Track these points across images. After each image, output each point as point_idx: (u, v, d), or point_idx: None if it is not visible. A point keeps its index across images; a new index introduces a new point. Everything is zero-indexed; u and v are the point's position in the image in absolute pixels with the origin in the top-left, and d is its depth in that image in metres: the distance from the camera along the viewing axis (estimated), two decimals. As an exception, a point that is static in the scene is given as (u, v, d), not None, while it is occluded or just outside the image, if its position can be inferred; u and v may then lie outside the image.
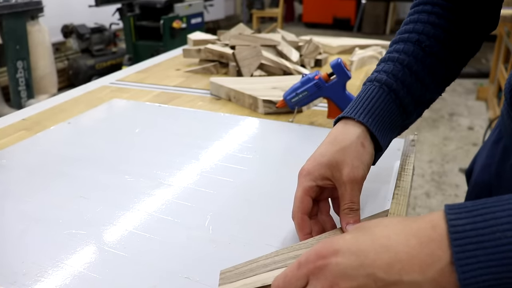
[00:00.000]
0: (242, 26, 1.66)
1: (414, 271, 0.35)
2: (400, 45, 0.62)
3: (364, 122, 0.55)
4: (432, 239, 0.36)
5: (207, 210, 0.65)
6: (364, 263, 0.37)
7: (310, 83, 0.91)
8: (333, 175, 0.53)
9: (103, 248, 0.57)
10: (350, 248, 0.38)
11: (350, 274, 0.37)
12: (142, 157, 0.82)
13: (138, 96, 1.21)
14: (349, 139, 0.54)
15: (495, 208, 0.35)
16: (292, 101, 0.95)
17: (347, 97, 0.90)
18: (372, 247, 0.38)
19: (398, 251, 0.36)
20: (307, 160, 0.56)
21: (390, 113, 0.58)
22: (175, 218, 0.63)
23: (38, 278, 0.52)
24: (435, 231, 0.36)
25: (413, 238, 0.37)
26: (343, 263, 0.38)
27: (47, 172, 0.76)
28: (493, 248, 0.33)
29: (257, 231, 0.60)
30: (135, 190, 0.70)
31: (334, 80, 0.89)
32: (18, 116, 1.05)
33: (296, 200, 0.54)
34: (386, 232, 0.39)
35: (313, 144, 0.86)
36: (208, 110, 1.08)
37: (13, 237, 0.59)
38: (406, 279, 0.35)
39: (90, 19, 4.57)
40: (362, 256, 0.37)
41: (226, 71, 1.43)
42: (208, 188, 0.71)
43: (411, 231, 0.37)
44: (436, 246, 0.35)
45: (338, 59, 0.88)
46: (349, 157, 0.53)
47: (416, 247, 0.36)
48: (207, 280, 0.51)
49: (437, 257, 0.35)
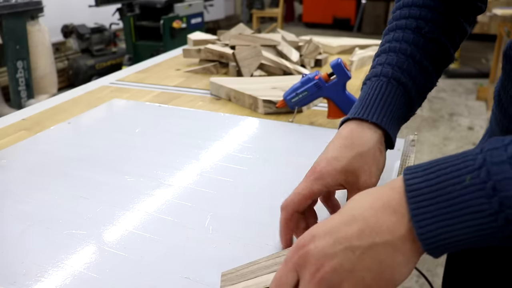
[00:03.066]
0: (242, 26, 1.66)
1: (383, 232, 0.37)
2: (399, 33, 0.60)
3: (382, 125, 0.53)
4: (393, 198, 0.37)
5: (207, 210, 0.65)
6: (338, 238, 0.38)
7: (310, 83, 0.91)
8: (347, 180, 0.51)
9: (103, 248, 0.57)
10: (323, 230, 0.39)
11: (329, 253, 0.38)
12: (142, 157, 0.82)
13: (138, 96, 1.21)
14: (367, 145, 0.52)
15: (446, 164, 0.36)
16: (292, 101, 0.94)
17: (347, 97, 0.90)
18: (341, 222, 0.39)
19: (365, 217, 0.38)
20: (318, 161, 0.53)
21: (400, 109, 0.56)
22: (175, 218, 0.63)
23: (38, 278, 0.52)
24: (395, 191, 0.38)
25: (377, 201, 0.38)
26: (320, 245, 0.39)
27: (47, 172, 0.76)
28: (445, 202, 0.35)
29: (257, 231, 0.60)
30: (135, 190, 0.70)
31: (334, 80, 0.89)
32: (18, 116, 1.05)
33: (296, 196, 0.52)
34: (352, 205, 0.40)
35: (313, 144, 0.86)
36: (208, 110, 1.08)
37: (13, 237, 0.59)
38: (379, 241, 0.37)
39: (90, 19, 4.57)
40: (334, 233, 0.38)
41: (226, 71, 1.43)
42: (208, 188, 0.71)
43: (376, 195, 0.39)
44: (397, 205, 0.37)
45: (338, 59, 0.87)
46: (367, 164, 0.51)
47: (380, 209, 0.38)
48: (207, 280, 0.51)
49: (400, 214, 0.37)
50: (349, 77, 0.88)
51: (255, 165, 0.78)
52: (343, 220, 0.39)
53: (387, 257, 0.37)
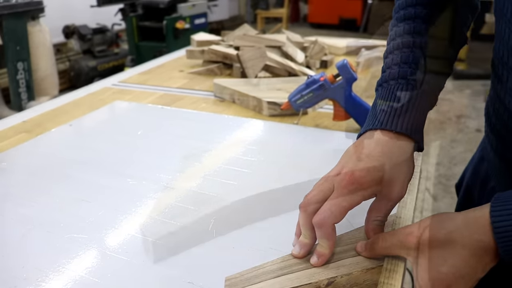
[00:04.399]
0: (246, 27, 1.66)
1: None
2: (409, 24, 0.56)
3: (416, 139, 0.52)
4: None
5: (211, 214, 0.64)
6: None
7: (316, 84, 0.90)
8: (382, 190, 0.50)
9: (105, 252, 0.56)
10: None
11: None
12: (145, 160, 0.81)
13: (140, 97, 1.20)
14: (405, 156, 0.51)
15: None
16: (297, 103, 0.93)
17: (353, 99, 0.89)
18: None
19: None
20: (355, 168, 0.49)
21: (426, 111, 0.55)
22: (178, 222, 0.62)
23: (39, 283, 0.51)
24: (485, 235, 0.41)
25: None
26: None
27: (48, 175, 0.75)
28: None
29: (261, 235, 0.59)
30: (137, 194, 0.69)
31: (340, 81, 0.88)
32: (19, 118, 1.04)
33: (337, 209, 0.48)
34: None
35: (319, 146, 0.86)
36: (211, 112, 1.07)
37: (13, 241, 0.58)
38: None
39: (92, 20, 4.57)
40: None
41: (230, 72, 1.42)
42: (212, 191, 0.70)
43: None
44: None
45: (343, 60, 0.87)
46: (403, 175, 0.50)
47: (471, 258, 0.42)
48: (211, 284, 0.50)
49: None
50: (355, 78, 0.87)
51: (259, 168, 0.77)
52: None
53: None
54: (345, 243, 0.53)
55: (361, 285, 0.49)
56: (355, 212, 0.63)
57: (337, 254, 0.51)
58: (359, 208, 0.65)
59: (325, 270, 0.48)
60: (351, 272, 0.48)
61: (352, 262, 0.50)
